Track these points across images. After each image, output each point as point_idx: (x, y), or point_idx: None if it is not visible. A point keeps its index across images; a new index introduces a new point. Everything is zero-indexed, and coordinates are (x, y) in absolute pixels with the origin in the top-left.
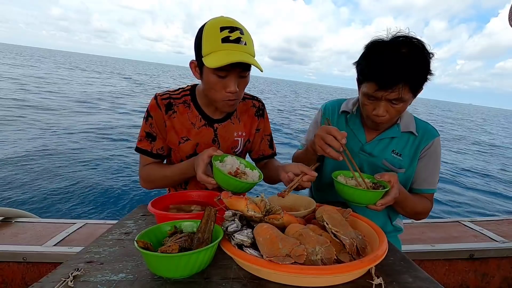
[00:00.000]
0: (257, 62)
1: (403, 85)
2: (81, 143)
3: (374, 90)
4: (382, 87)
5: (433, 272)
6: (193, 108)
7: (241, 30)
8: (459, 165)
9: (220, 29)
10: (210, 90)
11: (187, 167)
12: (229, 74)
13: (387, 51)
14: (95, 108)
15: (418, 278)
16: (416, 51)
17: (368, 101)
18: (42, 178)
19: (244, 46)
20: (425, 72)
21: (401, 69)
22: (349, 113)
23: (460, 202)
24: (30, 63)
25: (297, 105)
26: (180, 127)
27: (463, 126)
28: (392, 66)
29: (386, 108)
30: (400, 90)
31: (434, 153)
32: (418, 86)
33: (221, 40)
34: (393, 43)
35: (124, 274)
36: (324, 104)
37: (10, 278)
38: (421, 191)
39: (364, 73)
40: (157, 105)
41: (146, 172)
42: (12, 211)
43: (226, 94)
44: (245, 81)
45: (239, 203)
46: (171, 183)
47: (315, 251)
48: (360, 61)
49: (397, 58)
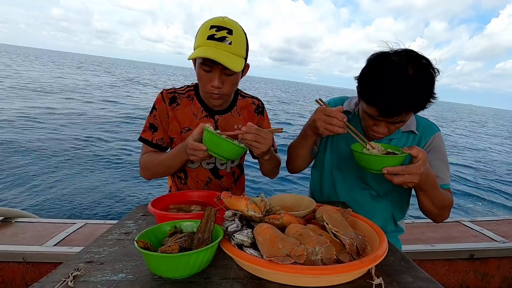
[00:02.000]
0: (234, 61)
1: (406, 112)
2: (81, 143)
3: (376, 115)
4: (384, 115)
5: (433, 272)
6: (196, 101)
7: (230, 30)
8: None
9: (210, 27)
10: (199, 82)
11: (179, 149)
12: (213, 69)
13: (391, 74)
14: (96, 108)
15: (418, 278)
16: (422, 74)
17: (368, 118)
18: (42, 178)
19: (227, 45)
20: (428, 98)
21: (405, 98)
22: (350, 113)
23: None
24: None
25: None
26: (183, 117)
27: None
28: (395, 96)
29: (387, 126)
30: (403, 116)
31: (437, 148)
32: (421, 109)
33: (206, 37)
34: (398, 64)
35: (124, 274)
36: (327, 101)
37: (10, 278)
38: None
39: (365, 96)
40: (162, 98)
41: (145, 159)
42: (12, 211)
43: (210, 87)
44: (231, 79)
45: (239, 203)
46: (166, 168)
47: (315, 251)
48: (361, 78)
49: (401, 86)
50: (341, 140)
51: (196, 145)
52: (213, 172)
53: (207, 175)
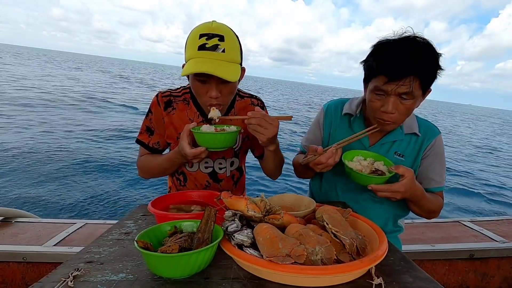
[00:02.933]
0: (229, 70)
1: (414, 78)
2: (81, 143)
3: (384, 83)
4: (393, 79)
5: (433, 272)
6: (192, 105)
7: (221, 36)
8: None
9: (199, 36)
10: (196, 94)
11: (174, 154)
12: (208, 80)
13: (396, 46)
14: (95, 108)
15: (418, 278)
16: (425, 47)
17: (376, 97)
18: (42, 178)
19: (220, 54)
20: (435, 66)
21: (411, 61)
22: (352, 115)
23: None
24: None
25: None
26: (179, 123)
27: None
28: (402, 58)
29: (395, 105)
30: (410, 83)
31: (438, 151)
32: (428, 81)
33: (197, 48)
34: (402, 40)
35: (124, 274)
36: (326, 104)
37: (10, 278)
38: (430, 190)
39: (372, 68)
40: (158, 102)
41: (142, 162)
42: (12, 211)
43: (208, 98)
44: (229, 86)
45: (239, 203)
46: (163, 170)
47: (315, 251)
48: (367, 59)
49: (407, 51)
50: (340, 140)
51: (195, 151)
52: (211, 176)
53: (206, 179)
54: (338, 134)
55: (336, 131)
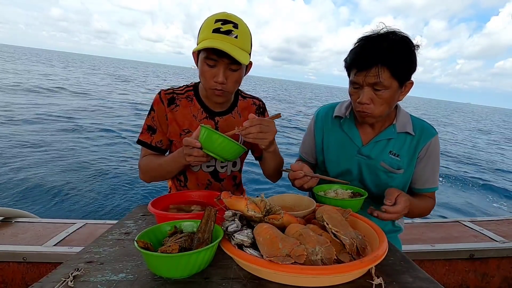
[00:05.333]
0: (241, 54)
1: (381, 67)
2: (81, 143)
3: (354, 75)
4: (360, 69)
5: (433, 272)
6: (195, 102)
7: (235, 24)
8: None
9: (215, 21)
10: (201, 77)
11: (178, 153)
12: (218, 64)
13: (368, 40)
14: (95, 108)
15: (418, 278)
16: (396, 39)
17: (353, 90)
18: (42, 178)
19: (233, 39)
20: (405, 57)
21: (377, 50)
22: (342, 118)
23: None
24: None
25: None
26: (182, 119)
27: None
28: (368, 48)
29: (370, 96)
30: (377, 72)
31: (434, 152)
32: (399, 72)
33: (212, 30)
34: (375, 35)
35: (124, 274)
36: (317, 111)
37: (10, 278)
38: (424, 190)
39: (346, 62)
40: (160, 99)
41: (144, 163)
42: (12, 211)
43: (214, 83)
44: (236, 75)
45: (239, 203)
46: (165, 172)
47: (315, 251)
48: (347, 56)
49: (374, 41)
50: (333, 144)
51: (190, 140)
52: (213, 175)
53: (207, 178)
54: (331, 137)
55: (329, 134)
